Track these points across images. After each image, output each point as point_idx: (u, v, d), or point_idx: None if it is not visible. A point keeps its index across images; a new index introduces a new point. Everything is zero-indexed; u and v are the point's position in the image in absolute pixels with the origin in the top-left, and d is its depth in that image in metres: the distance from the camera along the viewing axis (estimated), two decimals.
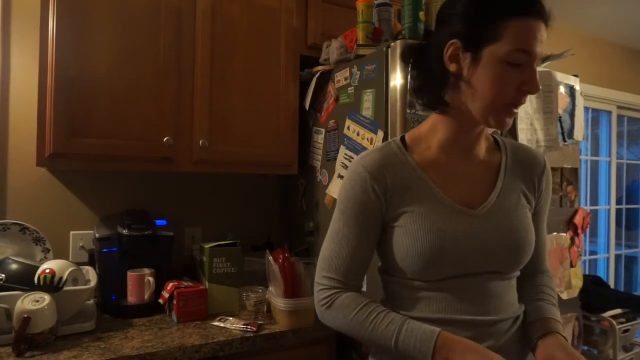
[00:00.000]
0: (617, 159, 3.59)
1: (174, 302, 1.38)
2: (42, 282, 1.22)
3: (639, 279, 3.87)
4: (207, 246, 1.49)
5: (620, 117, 3.60)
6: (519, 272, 0.92)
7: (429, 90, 0.89)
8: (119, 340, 1.22)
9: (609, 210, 3.52)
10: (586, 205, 3.40)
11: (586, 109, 3.29)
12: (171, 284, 1.43)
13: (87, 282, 1.36)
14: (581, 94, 1.82)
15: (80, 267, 1.37)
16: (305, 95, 1.74)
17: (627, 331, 2.19)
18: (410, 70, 0.92)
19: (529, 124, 1.62)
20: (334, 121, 1.62)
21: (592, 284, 2.46)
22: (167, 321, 1.39)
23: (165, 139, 1.46)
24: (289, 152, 1.73)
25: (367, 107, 1.43)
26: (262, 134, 1.66)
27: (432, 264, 0.82)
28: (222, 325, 1.35)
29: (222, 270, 1.48)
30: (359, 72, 1.49)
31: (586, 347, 2.24)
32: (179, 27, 1.51)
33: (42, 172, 1.60)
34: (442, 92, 0.87)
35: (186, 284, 1.44)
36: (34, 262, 1.35)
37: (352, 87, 1.52)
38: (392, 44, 1.34)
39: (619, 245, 3.62)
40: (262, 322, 1.37)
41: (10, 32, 1.54)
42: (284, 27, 1.70)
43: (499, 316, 0.85)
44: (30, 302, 1.14)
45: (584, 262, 3.36)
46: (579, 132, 1.80)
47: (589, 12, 2.87)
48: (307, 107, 1.74)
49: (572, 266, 1.76)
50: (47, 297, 1.17)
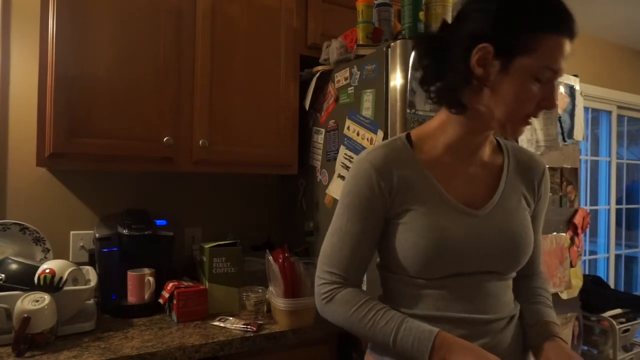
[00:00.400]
0: (617, 159, 3.59)
1: (174, 302, 1.38)
2: (42, 282, 1.22)
3: (639, 279, 3.87)
4: (207, 246, 1.49)
5: (620, 117, 3.60)
6: (515, 273, 0.93)
7: (446, 87, 0.85)
8: (119, 340, 1.22)
9: (609, 210, 3.52)
10: (586, 205, 3.40)
11: (586, 109, 3.29)
12: (171, 284, 1.43)
13: (87, 282, 1.36)
14: (581, 94, 1.82)
15: (80, 267, 1.37)
16: (305, 95, 1.74)
17: (627, 331, 2.19)
18: (419, 59, 0.89)
19: None
20: (334, 121, 1.62)
21: (592, 284, 2.46)
22: (167, 321, 1.39)
23: (165, 139, 1.46)
24: (289, 152, 1.73)
25: (367, 107, 1.43)
26: (262, 134, 1.66)
27: (434, 262, 0.83)
28: (222, 325, 1.35)
29: (222, 270, 1.48)
30: (359, 72, 1.49)
31: (586, 347, 2.24)
32: (179, 27, 1.51)
33: (42, 172, 1.60)
34: (461, 92, 0.83)
35: (186, 284, 1.45)
36: (34, 262, 1.35)
37: (352, 87, 1.52)
38: (392, 44, 1.34)
39: (619, 245, 3.62)
40: (262, 322, 1.37)
41: (10, 32, 1.54)
42: (284, 27, 1.70)
43: (495, 315, 0.87)
44: (30, 302, 1.14)
45: (584, 262, 3.36)
46: (579, 132, 1.80)
47: (589, 12, 2.87)
48: (307, 107, 1.74)
49: (572, 266, 1.76)
50: (47, 297, 1.17)
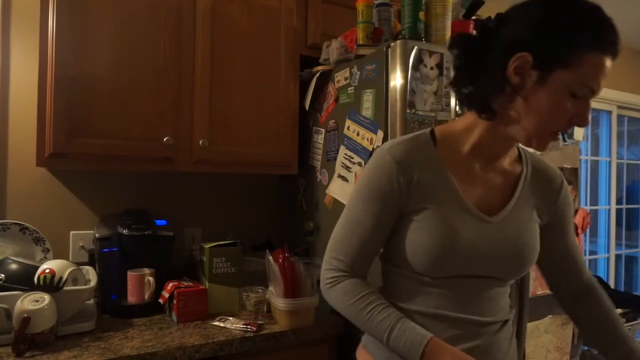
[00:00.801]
0: (617, 159, 3.59)
1: (174, 302, 1.38)
2: (42, 282, 1.22)
3: (639, 279, 3.87)
4: (207, 246, 1.49)
5: (620, 117, 3.60)
6: (513, 280, 0.94)
7: (478, 91, 0.83)
8: (119, 340, 1.22)
9: (609, 210, 3.52)
10: (586, 205, 3.40)
11: None
12: (171, 284, 1.43)
13: (87, 282, 1.37)
14: None
15: (80, 267, 1.37)
16: (305, 95, 1.74)
17: None
18: (454, 60, 0.87)
19: None
20: (334, 121, 1.62)
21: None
22: (167, 321, 1.39)
23: (165, 139, 1.46)
24: (289, 152, 1.73)
25: (367, 107, 1.43)
26: (262, 134, 1.66)
27: (441, 262, 0.83)
28: (222, 325, 1.35)
29: (222, 270, 1.48)
30: (359, 72, 1.49)
31: (586, 347, 2.24)
32: (179, 27, 1.51)
33: (42, 172, 1.60)
34: (492, 98, 0.82)
35: (186, 284, 1.45)
36: (34, 262, 1.35)
37: (352, 87, 1.52)
38: (392, 44, 1.34)
39: (619, 245, 3.62)
40: (262, 322, 1.37)
41: (10, 32, 1.54)
42: (284, 27, 1.70)
43: (491, 318, 0.88)
44: (30, 302, 1.14)
45: (584, 262, 3.36)
46: (579, 132, 1.80)
47: None
48: (307, 107, 1.74)
49: None
50: (47, 297, 1.17)
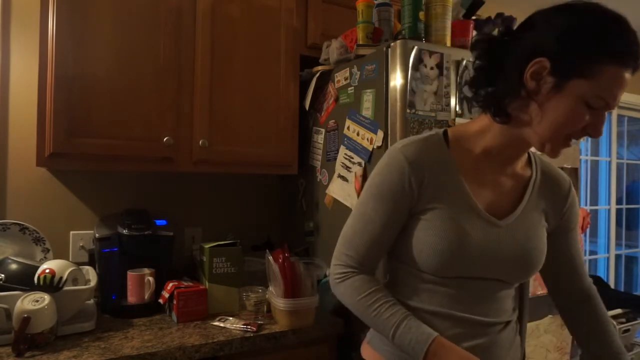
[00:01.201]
0: (617, 159, 3.59)
1: (174, 302, 1.38)
2: (42, 282, 1.22)
3: (639, 279, 3.87)
4: (207, 246, 1.49)
5: (620, 117, 3.60)
6: (519, 284, 0.95)
7: (494, 94, 0.83)
8: (119, 340, 1.22)
9: (609, 210, 3.52)
10: (586, 205, 3.40)
11: None
12: (171, 284, 1.43)
13: (87, 282, 1.36)
14: None
15: (80, 267, 1.37)
16: (305, 95, 1.74)
17: (627, 331, 2.19)
18: (474, 61, 0.87)
19: None
20: (334, 121, 1.62)
21: (592, 284, 2.45)
22: (167, 321, 1.39)
23: (165, 139, 1.46)
24: (289, 152, 1.73)
25: (367, 107, 1.43)
26: (262, 134, 1.66)
27: (449, 263, 0.84)
28: (222, 325, 1.35)
29: (222, 270, 1.48)
30: (359, 72, 1.49)
31: None
32: (179, 27, 1.51)
33: (42, 172, 1.60)
34: (508, 102, 0.82)
35: (186, 284, 1.44)
36: (34, 262, 1.35)
37: (352, 87, 1.52)
38: (392, 44, 1.34)
39: (619, 245, 3.62)
40: (262, 322, 1.37)
41: (10, 32, 1.54)
42: (284, 27, 1.70)
43: (495, 319, 0.89)
44: (30, 302, 1.14)
45: (584, 262, 3.36)
46: None
47: None
48: (307, 107, 1.74)
49: None
50: (47, 297, 1.17)
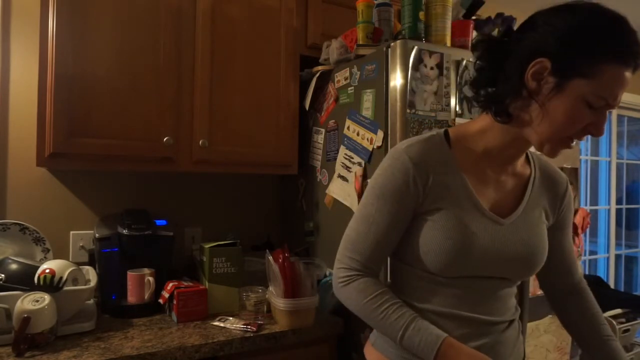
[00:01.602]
0: (617, 159, 3.59)
1: (174, 302, 1.38)
2: (42, 282, 1.22)
3: (639, 279, 3.87)
4: (207, 246, 1.49)
5: (620, 117, 3.60)
6: (520, 281, 0.96)
7: (496, 94, 0.84)
8: (119, 340, 1.22)
9: (609, 210, 3.52)
10: (586, 205, 3.40)
11: None
12: (171, 284, 1.43)
13: (87, 282, 1.36)
14: None
15: (80, 267, 1.37)
16: (305, 95, 1.74)
17: (627, 331, 2.19)
18: (476, 61, 0.88)
19: None
20: (334, 121, 1.62)
21: (592, 284, 2.45)
22: (167, 321, 1.39)
23: (165, 139, 1.46)
24: (289, 152, 1.73)
25: (367, 107, 1.43)
26: (262, 134, 1.66)
27: (455, 263, 0.84)
28: (222, 325, 1.35)
29: (222, 270, 1.48)
30: (359, 72, 1.49)
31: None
32: (179, 27, 1.51)
33: (42, 172, 1.60)
34: (509, 102, 0.82)
35: (186, 284, 1.44)
36: (34, 262, 1.35)
37: (352, 87, 1.52)
38: (392, 44, 1.34)
39: (619, 245, 3.62)
40: (262, 322, 1.37)
41: (10, 32, 1.54)
42: (284, 27, 1.70)
43: (499, 318, 0.89)
44: (30, 302, 1.14)
45: (584, 262, 3.36)
46: None
47: None
48: (307, 107, 1.74)
49: None
50: (47, 297, 1.17)
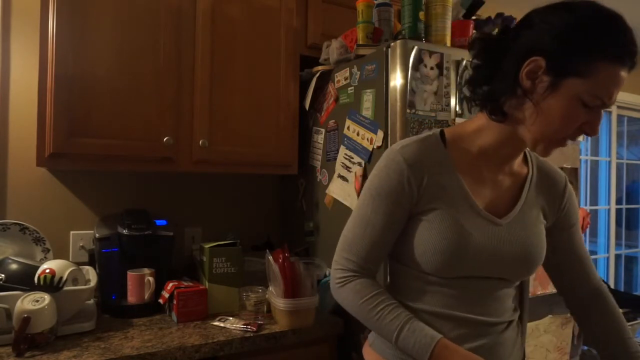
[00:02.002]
0: (617, 159, 3.59)
1: (174, 302, 1.38)
2: (42, 282, 1.22)
3: (639, 279, 3.87)
4: (207, 246, 1.49)
5: (620, 117, 3.60)
6: (519, 282, 0.95)
7: (490, 93, 0.84)
8: (119, 340, 1.22)
9: (609, 210, 3.52)
10: (586, 205, 3.40)
11: None
12: (171, 284, 1.43)
13: (87, 282, 1.36)
14: None
15: (80, 267, 1.37)
16: (305, 95, 1.74)
17: None
18: (472, 59, 0.88)
19: None
20: (334, 121, 1.62)
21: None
22: (167, 321, 1.39)
23: (165, 139, 1.46)
24: (289, 152, 1.73)
25: (367, 107, 1.43)
26: (262, 134, 1.66)
27: (451, 263, 0.84)
28: (222, 325, 1.35)
29: (222, 270, 1.48)
30: (359, 72, 1.49)
31: (586, 347, 2.24)
32: (179, 27, 1.51)
33: (42, 172, 1.60)
34: (504, 100, 0.82)
35: (186, 284, 1.45)
36: (34, 262, 1.35)
37: (352, 87, 1.52)
38: (392, 44, 1.34)
39: (619, 245, 3.62)
40: (262, 322, 1.37)
41: (10, 32, 1.54)
42: (284, 27, 1.70)
43: (498, 319, 0.89)
44: (30, 302, 1.14)
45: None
46: None
47: None
48: (307, 107, 1.74)
49: None
50: (47, 297, 1.17)
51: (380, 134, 1.36)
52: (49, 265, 1.27)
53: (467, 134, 0.90)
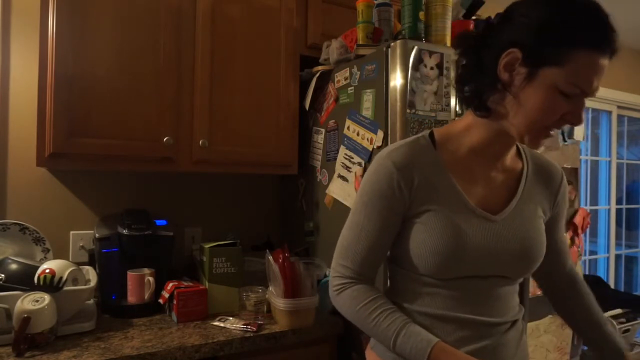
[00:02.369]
0: (617, 159, 3.59)
1: (174, 302, 1.38)
2: (42, 282, 1.22)
3: (639, 279, 3.87)
4: (207, 246, 1.49)
5: (620, 117, 3.60)
6: (522, 279, 0.94)
7: (474, 89, 0.84)
8: (119, 340, 1.22)
9: (609, 210, 3.52)
10: (586, 205, 3.40)
11: (586, 109, 3.28)
12: (171, 284, 1.43)
13: (87, 282, 1.36)
14: None
15: (80, 267, 1.37)
16: (305, 95, 1.74)
17: (627, 331, 2.19)
18: (458, 58, 0.89)
19: None
20: (334, 121, 1.62)
21: (592, 284, 2.45)
22: (167, 321, 1.39)
23: (165, 139, 1.46)
24: (289, 152, 1.73)
25: (367, 107, 1.43)
26: (262, 134, 1.66)
27: (448, 264, 0.83)
28: (222, 325, 1.35)
29: (222, 270, 1.48)
30: (359, 72, 1.49)
31: (586, 347, 2.24)
32: (179, 27, 1.51)
33: (42, 172, 1.60)
34: (487, 96, 0.82)
35: (186, 284, 1.45)
36: (34, 262, 1.35)
37: (352, 87, 1.52)
38: (392, 44, 1.34)
39: (619, 245, 3.62)
40: (262, 322, 1.37)
41: (10, 32, 1.54)
42: (284, 27, 1.70)
43: (500, 319, 0.88)
44: (30, 302, 1.14)
45: (584, 262, 3.36)
46: (579, 132, 1.80)
47: None
48: (307, 107, 1.74)
49: None
50: (47, 297, 1.17)
51: (380, 134, 1.36)
52: (49, 265, 1.27)
53: (456, 133, 0.90)
